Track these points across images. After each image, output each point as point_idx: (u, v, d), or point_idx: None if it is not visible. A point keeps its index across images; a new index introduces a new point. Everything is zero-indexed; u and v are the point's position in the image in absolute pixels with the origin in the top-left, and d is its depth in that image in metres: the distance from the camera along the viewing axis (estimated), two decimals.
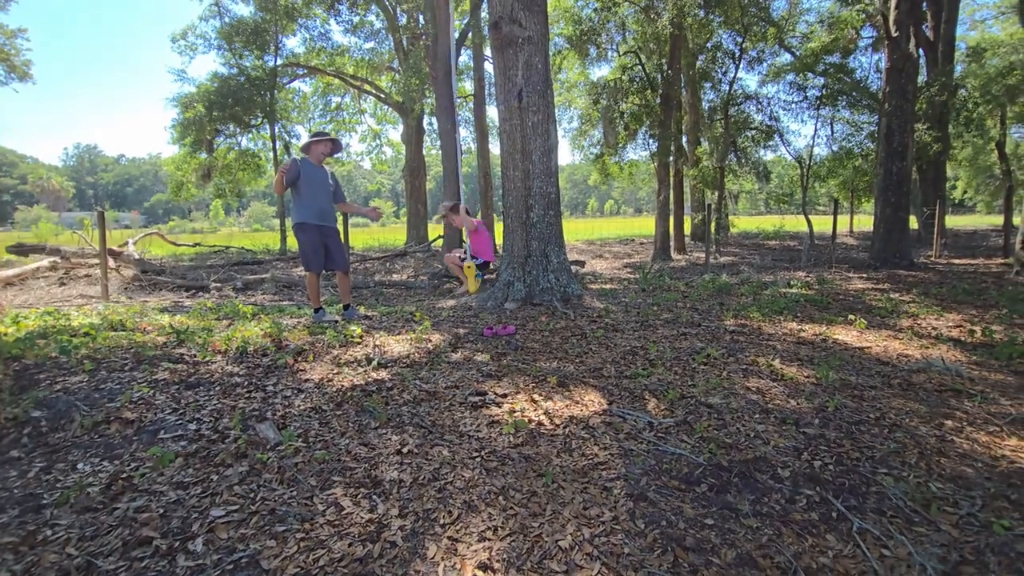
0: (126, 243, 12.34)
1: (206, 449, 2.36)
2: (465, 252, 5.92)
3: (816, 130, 17.23)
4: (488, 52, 16.09)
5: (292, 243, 15.86)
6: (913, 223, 13.92)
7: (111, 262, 9.66)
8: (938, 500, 2.02)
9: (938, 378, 3.50)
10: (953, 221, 26.05)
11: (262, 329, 4.23)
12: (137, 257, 11.07)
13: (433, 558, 1.70)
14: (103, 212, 7.81)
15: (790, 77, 17.24)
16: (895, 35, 9.92)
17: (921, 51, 13.56)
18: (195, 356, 3.55)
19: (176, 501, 1.98)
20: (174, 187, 18.46)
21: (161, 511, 1.91)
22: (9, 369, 3.07)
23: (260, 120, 17.79)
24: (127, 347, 3.64)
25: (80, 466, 2.20)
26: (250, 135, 18.97)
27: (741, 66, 16.48)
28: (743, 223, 25.02)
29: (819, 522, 1.90)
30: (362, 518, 1.90)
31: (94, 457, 2.27)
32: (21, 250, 11.22)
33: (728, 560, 1.70)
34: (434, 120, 19.65)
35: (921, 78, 13.39)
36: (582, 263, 12.82)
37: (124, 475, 2.13)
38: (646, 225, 27.36)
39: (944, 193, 17.19)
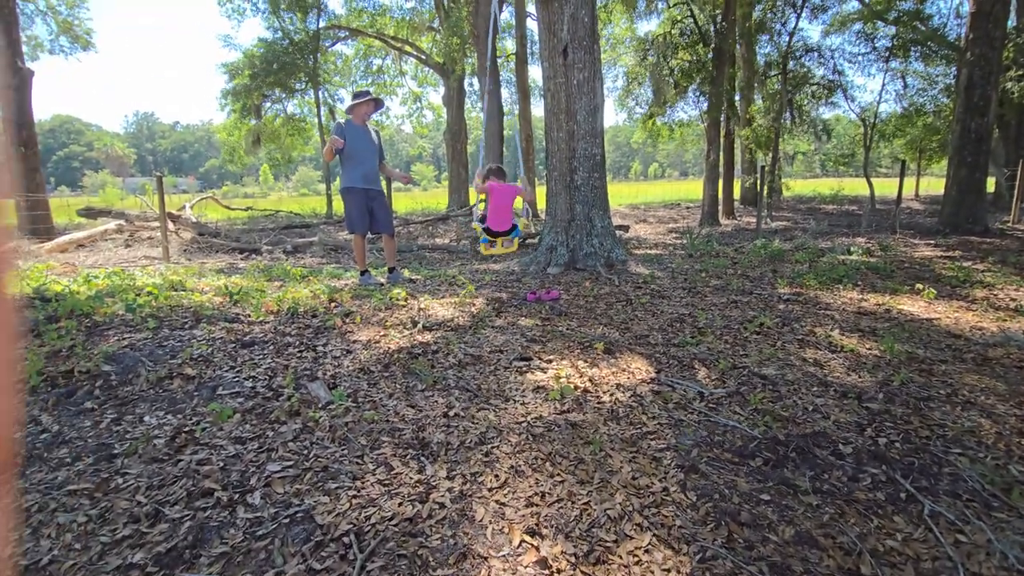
0: (183, 207, 12.84)
1: (261, 406, 2.44)
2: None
3: (884, 85, 15.92)
4: (531, 8, 15.48)
5: (338, 207, 16.15)
6: (991, 185, 12.82)
7: (171, 225, 10.08)
8: (1020, 484, 1.88)
9: (1018, 353, 3.24)
10: None
11: (311, 291, 4.33)
12: (194, 221, 11.52)
13: (481, 521, 1.71)
14: (162, 177, 8.10)
15: (857, 26, 15.93)
16: None
17: None
18: (249, 316, 3.67)
19: (235, 455, 2.06)
20: (227, 153, 19.10)
21: (221, 464, 1.99)
22: (82, 325, 3.25)
23: (305, 84, 17.94)
24: (187, 306, 3.79)
25: (147, 419, 2.32)
26: (295, 100, 19.24)
27: (803, 15, 15.30)
28: (798, 186, 23.78)
29: (886, 502, 1.80)
30: (411, 479, 1.93)
31: (159, 410, 2.39)
32: (90, 213, 11.86)
33: (786, 537, 1.63)
34: (475, 81, 19.31)
35: (1010, 23, 12.04)
36: (626, 228, 12.52)
37: (187, 429, 2.23)
38: (692, 189, 26.39)
39: None
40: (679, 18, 15.35)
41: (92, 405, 2.43)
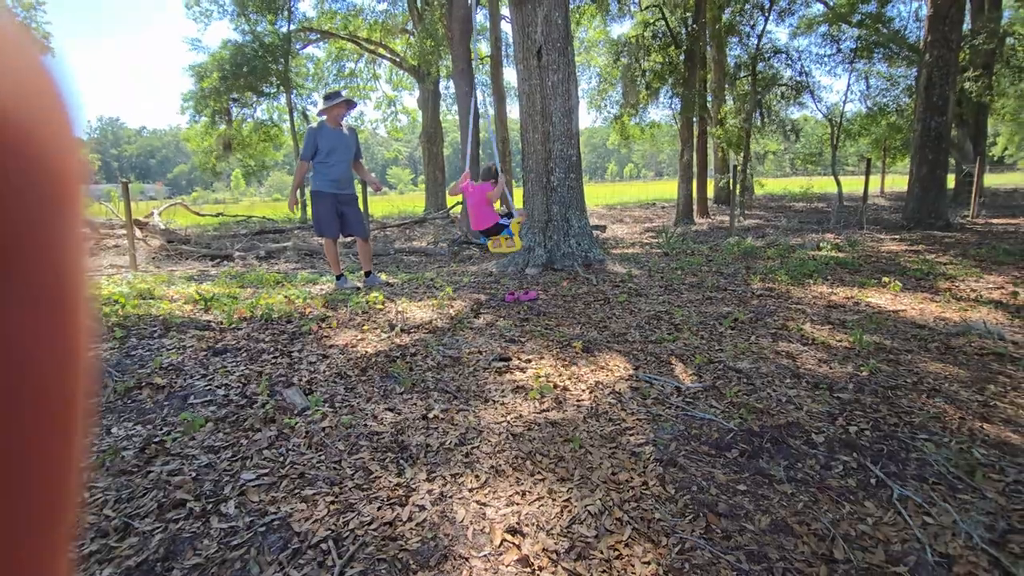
0: (151, 214, 12.50)
1: (235, 414, 2.39)
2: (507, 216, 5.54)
3: (849, 85, 16.39)
4: (505, 11, 15.52)
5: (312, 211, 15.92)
6: (951, 181, 13.30)
7: (138, 232, 9.81)
8: (983, 467, 1.95)
9: (979, 341, 3.36)
10: (992, 179, 24.92)
11: (286, 296, 4.26)
12: (163, 227, 11.23)
13: (462, 522, 1.70)
14: (128, 184, 7.87)
15: (823, 28, 16.39)
16: None
17: None
18: (222, 323, 3.58)
19: (208, 465, 2.01)
20: (201, 161, 18.60)
21: (193, 474, 1.94)
22: None
23: (276, 89, 17.63)
24: (155, 315, 3.69)
25: (114, 430, 2.24)
26: (263, 106, 18.86)
27: (771, 18, 15.67)
28: (769, 185, 24.29)
29: (857, 489, 1.85)
30: (390, 482, 1.91)
31: (127, 422, 2.32)
32: None
33: (763, 526, 1.66)
34: (450, 84, 19.26)
35: (965, 26, 12.54)
36: (603, 228, 12.62)
37: (157, 439, 2.16)
38: (667, 189, 26.75)
39: (984, 149, 16.33)
40: (651, 21, 15.56)
41: None
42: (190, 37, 30.12)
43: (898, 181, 22.46)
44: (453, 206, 15.23)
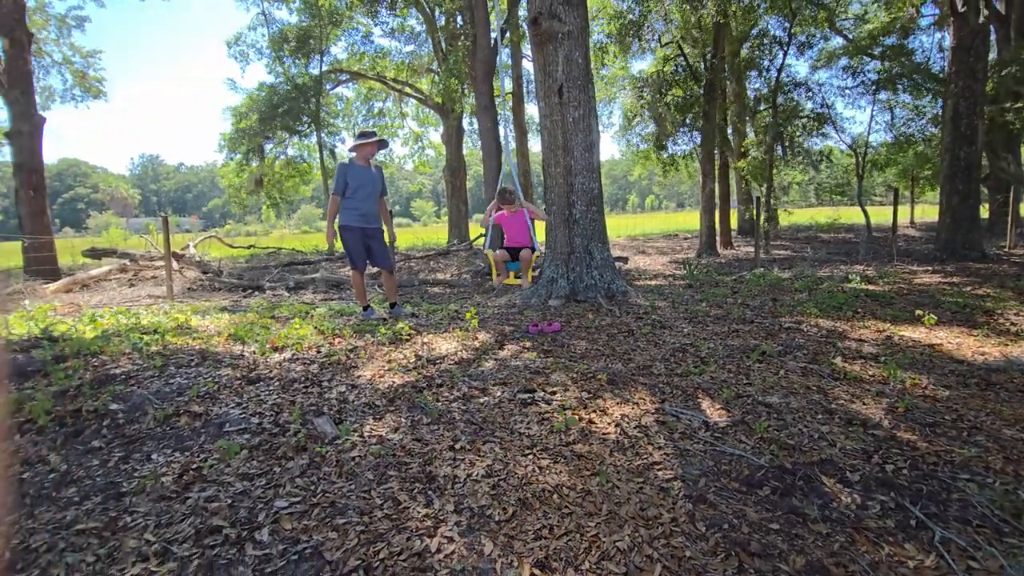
0: (187, 246, 13.00)
1: (268, 442, 2.44)
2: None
3: (872, 116, 16.31)
4: (527, 49, 16.04)
5: (339, 244, 16.33)
6: (984, 211, 13.00)
7: (175, 264, 10.19)
8: None
9: (1021, 378, 3.25)
10: None
11: (315, 327, 4.36)
12: (197, 259, 11.65)
13: (490, 555, 1.70)
14: (167, 218, 8.24)
15: (843, 61, 16.44)
16: (962, 10, 9.28)
17: (991, 27, 12.64)
18: (254, 353, 3.69)
19: (242, 492, 2.06)
20: (231, 195, 19.48)
21: (229, 501, 1.99)
22: (88, 365, 3.27)
23: (307, 127, 18.43)
24: (192, 344, 3.82)
25: (154, 456, 2.32)
26: (295, 144, 19.77)
27: (790, 52, 15.80)
28: (796, 215, 24.04)
29: (896, 530, 1.79)
30: (419, 513, 1.93)
31: (166, 448, 2.40)
32: (95, 254, 12.01)
33: (797, 567, 1.62)
34: (474, 120, 19.83)
35: (992, 56, 12.48)
36: (625, 259, 12.63)
37: (194, 466, 2.23)
38: (689, 220, 26.72)
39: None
40: (671, 56, 15.87)
41: (100, 444, 2.44)
42: (229, 78, 31.74)
43: (929, 211, 22.04)
44: (476, 238, 15.44)
